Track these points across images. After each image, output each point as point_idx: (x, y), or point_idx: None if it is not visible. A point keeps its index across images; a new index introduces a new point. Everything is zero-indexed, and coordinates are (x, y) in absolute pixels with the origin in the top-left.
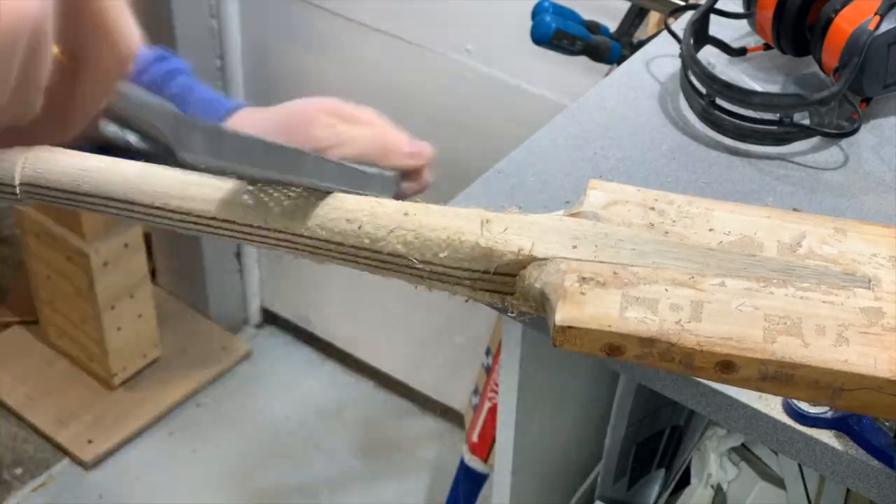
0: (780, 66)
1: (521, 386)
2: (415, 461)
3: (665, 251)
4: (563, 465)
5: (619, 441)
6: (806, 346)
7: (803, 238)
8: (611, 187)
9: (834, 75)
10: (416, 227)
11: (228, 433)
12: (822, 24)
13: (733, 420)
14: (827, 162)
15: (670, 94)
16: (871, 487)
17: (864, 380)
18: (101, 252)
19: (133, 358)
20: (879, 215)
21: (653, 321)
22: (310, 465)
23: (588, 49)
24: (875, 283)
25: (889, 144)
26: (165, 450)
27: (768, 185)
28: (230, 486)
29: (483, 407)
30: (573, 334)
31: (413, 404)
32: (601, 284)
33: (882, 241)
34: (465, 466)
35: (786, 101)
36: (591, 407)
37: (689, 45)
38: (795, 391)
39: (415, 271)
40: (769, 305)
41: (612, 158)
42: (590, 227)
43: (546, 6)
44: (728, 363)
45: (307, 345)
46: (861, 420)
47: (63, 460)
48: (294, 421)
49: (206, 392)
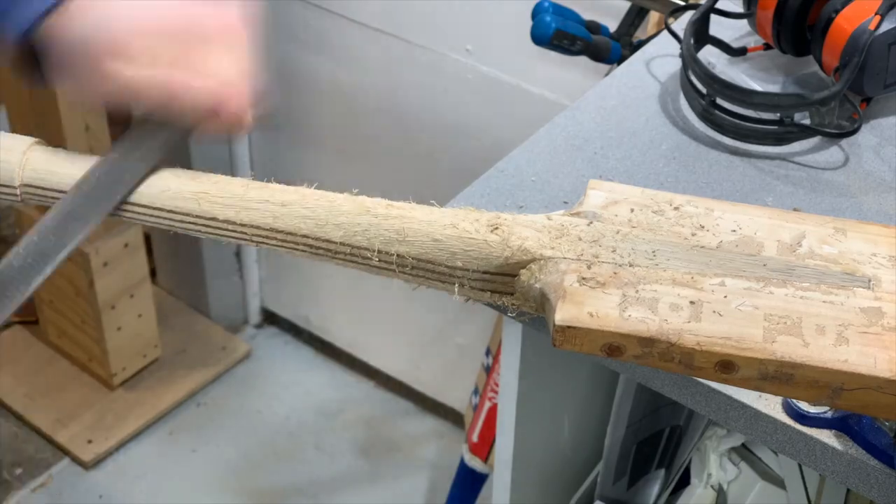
0: (780, 66)
1: (521, 386)
2: (415, 461)
3: (665, 251)
4: (563, 465)
5: (619, 441)
6: (806, 346)
7: (803, 238)
8: (610, 187)
9: (834, 75)
10: (417, 227)
11: (228, 433)
12: (823, 23)
13: (733, 420)
14: (827, 162)
15: (670, 94)
16: (871, 487)
17: (864, 379)
18: (101, 252)
19: (133, 358)
20: (879, 215)
21: (652, 321)
22: (310, 465)
23: (588, 49)
24: (875, 283)
25: (889, 144)
26: (165, 450)
27: (768, 184)
28: (230, 486)
29: (483, 407)
30: (573, 334)
31: (413, 404)
32: (601, 284)
33: (882, 241)
34: (465, 466)
35: (786, 100)
36: (591, 407)
37: (689, 44)
38: (795, 391)
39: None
40: (769, 305)
41: (612, 158)
42: (589, 226)
43: (546, 6)
44: (728, 363)
45: (307, 345)
46: (861, 420)
47: (63, 460)
48: (294, 421)
49: (206, 392)
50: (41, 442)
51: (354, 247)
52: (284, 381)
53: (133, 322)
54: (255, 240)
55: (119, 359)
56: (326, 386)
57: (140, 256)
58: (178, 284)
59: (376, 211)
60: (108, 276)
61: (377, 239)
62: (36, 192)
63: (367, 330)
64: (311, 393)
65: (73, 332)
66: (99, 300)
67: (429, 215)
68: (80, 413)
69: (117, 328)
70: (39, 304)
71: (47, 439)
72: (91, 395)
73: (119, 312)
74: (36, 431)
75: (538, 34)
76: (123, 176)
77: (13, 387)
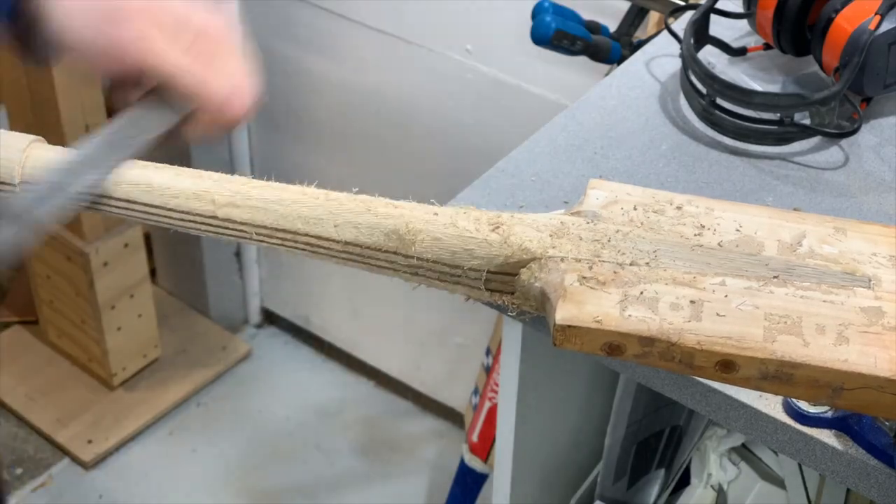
0: (780, 66)
1: (521, 386)
2: (415, 461)
3: (665, 250)
4: (563, 465)
5: (619, 441)
6: (806, 346)
7: (803, 237)
8: (610, 187)
9: (834, 75)
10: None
11: (228, 433)
12: (823, 23)
13: (733, 420)
14: (827, 162)
15: (670, 94)
16: (871, 487)
17: (864, 379)
18: (101, 252)
19: (133, 358)
20: (879, 215)
21: (653, 320)
22: (310, 465)
23: (588, 49)
24: (875, 283)
25: (889, 144)
26: (165, 450)
27: (768, 184)
28: (230, 486)
29: (483, 407)
30: (573, 333)
31: (413, 404)
32: (601, 283)
33: (882, 241)
34: (465, 466)
35: (786, 100)
36: (591, 407)
37: (689, 44)
38: (795, 390)
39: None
40: (769, 304)
41: (612, 158)
42: (590, 226)
43: (546, 6)
44: (728, 362)
45: (307, 345)
46: (861, 420)
47: (63, 460)
48: (294, 421)
49: (206, 392)
50: (41, 442)
51: (355, 245)
52: (284, 381)
53: (133, 322)
54: (255, 238)
55: (119, 359)
56: (326, 386)
57: (140, 256)
58: (178, 284)
59: (377, 210)
60: (108, 276)
61: (377, 238)
62: None
63: (367, 330)
64: (311, 393)
65: (73, 332)
66: (99, 300)
67: (429, 214)
68: (80, 413)
69: (117, 328)
70: (39, 304)
71: (47, 439)
72: (91, 395)
73: (119, 312)
74: (36, 431)
75: (538, 34)
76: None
77: (13, 387)
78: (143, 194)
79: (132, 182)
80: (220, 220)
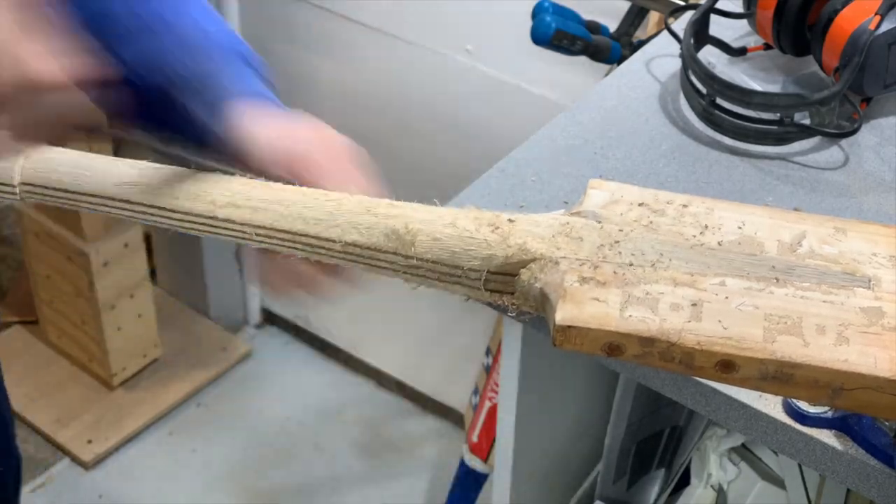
0: (780, 66)
1: (521, 386)
2: (415, 461)
3: (665, 250)
4: (563, 465)
5: (619, 441)
6: (806, 346)
7: (804, 237)
8: (611, 187)
9: (834, 75)
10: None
11: (228, 433)
12: (823, 23)
13: (733, 420)
14: (827, 162)
15: (670, 94)
16: (871, 487)
17: (864, 379)
18: (101, 252)
19: (133, 358)
20: (879, 215)
21: (653, 320)
22: (310, 465)
23: (588, 49)
24: (875, 283)
25: (889, 144)
26: (165, 450)
27: (768, 184)
28: (230, 486)
29: (483, 407)
30: (573, 334)
31: (413, 404)
32: (601, 284)
33: (882, 241)
34: (465, 466)
35: (786, 100)
36: (591, 407)
37: (689, 44)
38: (795, 391)
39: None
40: (769, 305)
41: (612, 158)
42: (590, 226)
43: (546, 6)
44: (728, 363)
45: (307, 345)
46: (861, 420)
47: (63, 460)
48: (294, 421)
49: (206, 392)
50: (41, 442)
51: (354, 246)
52: (284, 382)
53: (133, 322)
54: (255, 238)
55: (119, 359)
56: (326, 386)
57: (140, 256)
58: (178, 284)
59: (377, 210)
60: (108, 276)
61: (377, 238)
62: (35, 190)
63: (367, 330)
64: (311, 393)
65: (73, 332)
66: (99, 300)
67: (429, 214)
68: (80, 413)
69: (117, 328)
70: (39, 304)
71: (47, 439)
72: (91, 395)
73: (119, 312)
74: (36, 431)
75: (538, 34)
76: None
77: (13, 387)
78: (144, 196)
79: (131, 182)
80: (220, 220)
